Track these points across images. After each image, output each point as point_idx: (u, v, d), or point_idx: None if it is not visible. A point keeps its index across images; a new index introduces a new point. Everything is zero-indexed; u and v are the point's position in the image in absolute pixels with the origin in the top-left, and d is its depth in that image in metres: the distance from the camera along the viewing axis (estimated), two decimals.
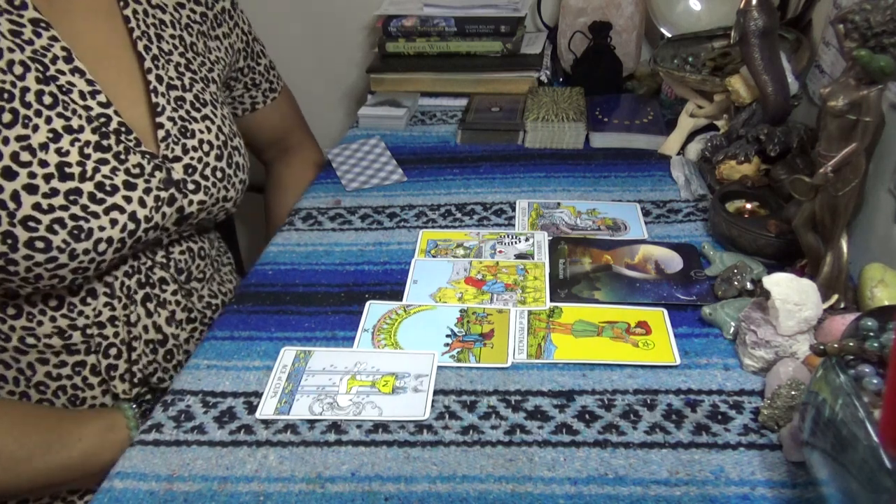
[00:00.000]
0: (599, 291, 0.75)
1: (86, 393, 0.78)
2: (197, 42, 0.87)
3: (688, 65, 1.05)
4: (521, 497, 0.54)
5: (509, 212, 0.91)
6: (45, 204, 0.68)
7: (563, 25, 1.24)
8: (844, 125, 0.63)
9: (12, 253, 0.67)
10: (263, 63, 1.03)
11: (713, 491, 0.54)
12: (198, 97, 0.84)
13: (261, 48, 1.02)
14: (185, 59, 0.84)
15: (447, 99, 1.23)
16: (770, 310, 0.63)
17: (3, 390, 0.77)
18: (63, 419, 0.73)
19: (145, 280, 0.80)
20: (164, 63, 0.81)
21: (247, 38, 0.98)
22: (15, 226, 0.67)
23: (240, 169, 0.87)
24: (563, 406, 0.62)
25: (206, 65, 0.88)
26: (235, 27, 0.95)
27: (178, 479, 0.57)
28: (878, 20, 0.59)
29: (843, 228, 0.67)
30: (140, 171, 0.74)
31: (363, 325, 0.72)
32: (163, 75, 0.80)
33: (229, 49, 0.93)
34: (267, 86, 1.04)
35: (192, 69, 0.85)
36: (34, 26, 0.70)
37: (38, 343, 0.75)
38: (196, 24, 0.88)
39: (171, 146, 0.78)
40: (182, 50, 0.84)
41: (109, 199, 0.72)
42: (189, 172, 0.79)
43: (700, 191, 0.91)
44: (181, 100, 0.81)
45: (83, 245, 0.70)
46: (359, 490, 0.55)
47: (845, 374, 0.44)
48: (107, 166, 0.72)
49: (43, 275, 0.70)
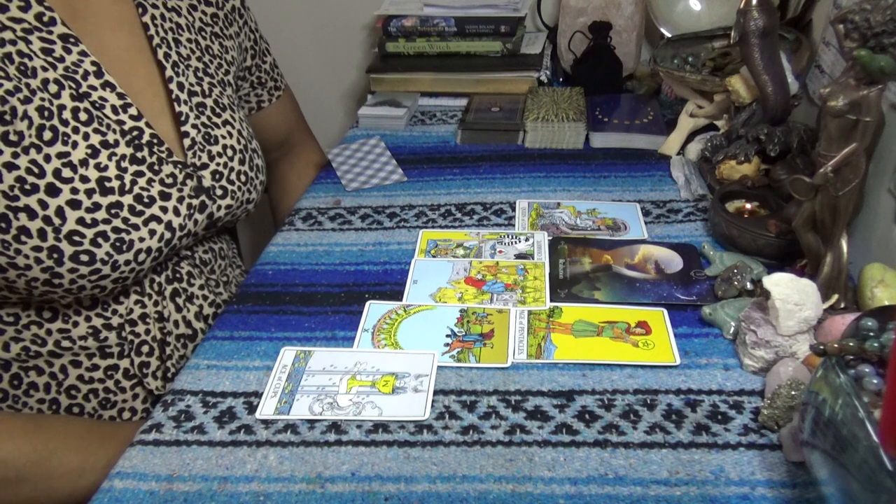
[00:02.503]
0: (599, 291, 0.75)
1: (118, 396, 0.79)
2: (212, 45, 0.87)
3: (688, 65, 1.05)
4: (521, 497, 0.54)
5: (509, 212, 0.91)
6: (89, 218, 0.69)
7: (563, 25, 1.24)
8: (844, 125, 0.63)
9: (58, 267, 0.69)
10: (269, 61, 1.03)
11: (713, 491, 0.54)
12: (217, 102, 0.85)
13: (266, 46, 1.03)
14: (203, 63, 0.85)
15: (447, 99, 1.23)
16: (770, 310, 0.63)
17: (33, 398, 0.77)
18: (119, 428, 0.73)
19: (173, 276, 0.81)
20: (184, 69, 0.82)
21: (254, 35, 0.99)
22: (60, 241, 0.68)
23: (259, 171, 0.89)
24: (563, 406, 0.62)
25: (222, 67, 0.88)
26: (245, 25, 0.96)
27: (178, 479, 0.57)
28: (878, 20, 0.59)
29: (843, 228, 0.67)
30: (173, 181, 0.76)
31: (363, 325, 0.72)
32: (184, 82, 0.81)
33: (239, 48, 0.94)
34: (272, 84, 1.04)
35: (209, 73, 0.85)
36: (64, 42, 0.71)
37: (74, 346, 0.76)
38: (209, 25, 0.88)
39: (197, 153, 0.80)
40: (199, 54, 0.85)
41: (147, 210, 0.73)
42: (217, 178, 0.81)
43: (700, 191, 0.91)
44: (202, 106, 0.82)
45: (125, 256, 0.72)
46: (359, 490, 0.55)
47: (845, 374, 0.44)
48: (143, 178, 0.74)
49: (86, 286, 0.72)
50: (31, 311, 0.75)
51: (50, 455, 0.66)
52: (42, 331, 0.76)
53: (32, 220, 0.67)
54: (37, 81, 0.68)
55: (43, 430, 0.68)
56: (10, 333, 0.76)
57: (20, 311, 0.75)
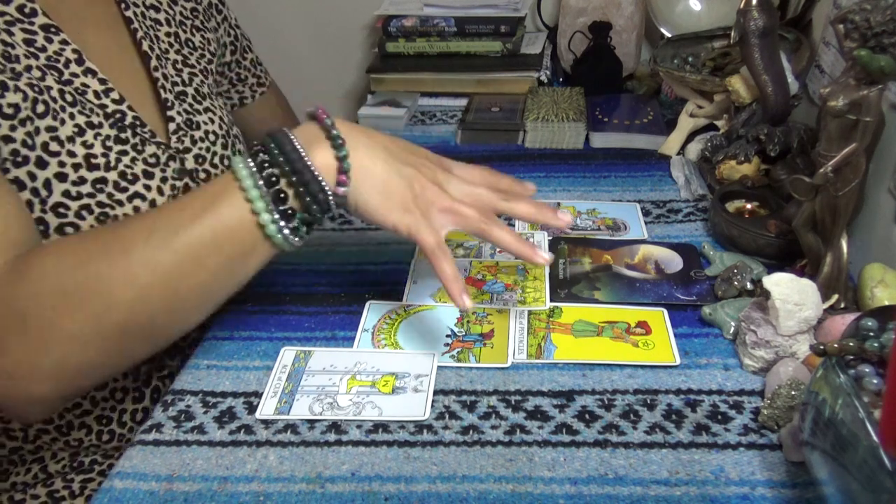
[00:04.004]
0: (599, 291, 0.75)
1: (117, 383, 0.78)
2: (192, 37, 0.88)
3: (688, 65, 1.05)
4: (521, 497, 0.54)
5: None
6: (74, 192, 0.69)
7: (563, 25, 1.24)
8: (844, 125, 0.63)
9: (44, 238, 0.69)
10: (250, 58, 1.04)
11: (713, 491, 0.54)
12: (198, 90, 0.85)
13: (247, 43, 1.03)
14: (182, 56, 0.86)
15: (447, 99, 1.24)
16: (770, 310, 0.63)
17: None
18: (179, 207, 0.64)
19: None
20: (164, 62, 0.83)
21: (234, 32, 1.00)
22: (46, 212, 0.68)
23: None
24: (563, 406, 0.62)
25: (204, 57, 0.89)
26: (224, 21, 0.97)
27: (178, 479, 0.57)
28: (878, 20, 0.59)
29: (843, 228, 0.67)
30: (156, 161, 0.76)
31: (363, 325, 0.72)
32: (167, 73, 0.82)
33: (218, 42, 0.95)
34: (254, 80, 1.05)
35: (189, 63, 0.86)
36: (45, 32, 0.71)
37: None
38: (188, 19, 0.89)
39: (181, 138, 0.80)
40: (178, 47, 0.86)
41: (132, 187, 0.73)
42: (199, 162, 0.81)
43: (700, 191, 0.91)
44: (183, 94, 0.83)
45: None
46: (359, 490, 0.55)
47: (845, 374, 0.44)
48: (127, 157, 0.74)
49: None
50: None
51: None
52: None
53: (21, 192, 0.67)
54: (20, 66, 0.68)
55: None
56: None
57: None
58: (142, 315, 0.59)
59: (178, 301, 0.60)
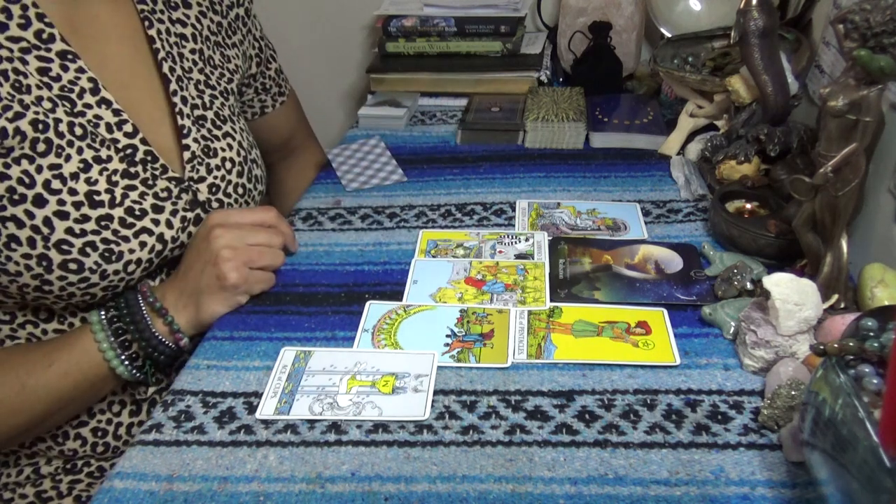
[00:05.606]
0: (599, 291, 0.75)
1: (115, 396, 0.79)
2: (214, 55, 0.87)
3: (688, 65, 1.05)
4: (521, 497, 0.54)
5: (509, 212, 0.91)
6: (77, 229, 0.70)
7: (563, 25, 1.24)
8: (844, 125, 0.63)
9: (47, 274, 0.70)
10: (274, 67, 1.03)
11: (713, 491, 0.54)
12: (218, 114, 0.85)
13: (271, 53, 1.03)
14: (204, 76, 0.85)
15: (447, 99, 1.24)
16: (770, 310, 0.63)
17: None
18: (31, 351, 0.73)
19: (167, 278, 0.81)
20: (187, 83, 0.82)
21: (259, 44, 0.99)
22: (49, 249, 0.69)
23: (259, 181, 0.89)
24: (563, 406, 0.62)
25: (224, 76, 0.88)
26: (248, 34, 0.96)
27: (178, 480, 0.57)
28: (878, 20, 0.59)
29: (843, 228, 0.67)
30: (167, 195, 0.76)
31: (363, 325, 0.72)
32: (186, 96, 0.81)
33: (243, 56, 0.94)
34: (276, 90, 1.04)
35: (210, 84, 0.85)
36: (62, 59, 0.71)
37: None
38: (214, 34, 0.88)
39: (196, 167, 0.80)
40: (201, 66, 0.85)
41: (139, 223, 0.74)
42: (213, 192, 0.81)
43: (700, 191, 0.91)
44: (202, 119, 0.82)
45: (114, 266, 0.72)
46: (359, 490, 0.55)
47: (845, 374, 0.44)
48: (135, 192, 0.74)
49: (76, 293, 0.72)
50: (27, 311, 0.76)
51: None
52: (38, 330, 0.76)
53: (21, 229, 0.68)
54: (31, 97, 0.68)
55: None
56: (6, 332, 0.76)
57: (16, 310, 0.76)
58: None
59: (32, 430, 0.73)
